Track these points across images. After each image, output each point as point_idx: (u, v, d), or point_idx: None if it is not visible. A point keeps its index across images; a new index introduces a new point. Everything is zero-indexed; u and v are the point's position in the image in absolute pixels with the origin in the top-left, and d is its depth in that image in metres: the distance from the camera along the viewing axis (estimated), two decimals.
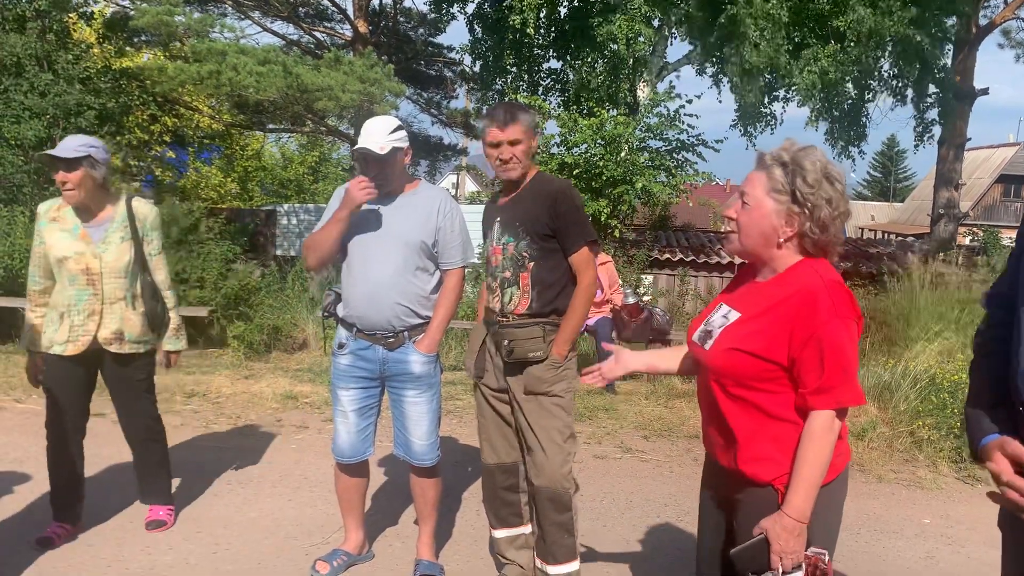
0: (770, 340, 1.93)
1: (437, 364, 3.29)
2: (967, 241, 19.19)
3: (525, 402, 3.00)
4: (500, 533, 3.26)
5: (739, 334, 1.99)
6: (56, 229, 3.43)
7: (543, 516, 3.02)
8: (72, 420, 3.57)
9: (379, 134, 3.08)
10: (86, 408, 3.63)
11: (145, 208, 3.61)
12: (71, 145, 3.36)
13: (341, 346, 3.28)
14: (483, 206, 3.41)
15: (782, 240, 1.98)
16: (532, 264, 2.97)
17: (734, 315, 2.05)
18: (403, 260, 3.14)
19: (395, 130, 3.13)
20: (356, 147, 3.12)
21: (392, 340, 3.19)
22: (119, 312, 3.49)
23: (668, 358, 2.43)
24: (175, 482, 4.32)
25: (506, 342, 2.98)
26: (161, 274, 3.65)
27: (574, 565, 3.05)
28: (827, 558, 1.92)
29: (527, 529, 3.24)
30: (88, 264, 3.41)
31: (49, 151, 3.39)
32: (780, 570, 1.94)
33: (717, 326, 2.07)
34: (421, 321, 3.21)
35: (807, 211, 1.94)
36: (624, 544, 3.89)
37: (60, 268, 3.42)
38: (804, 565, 1.92)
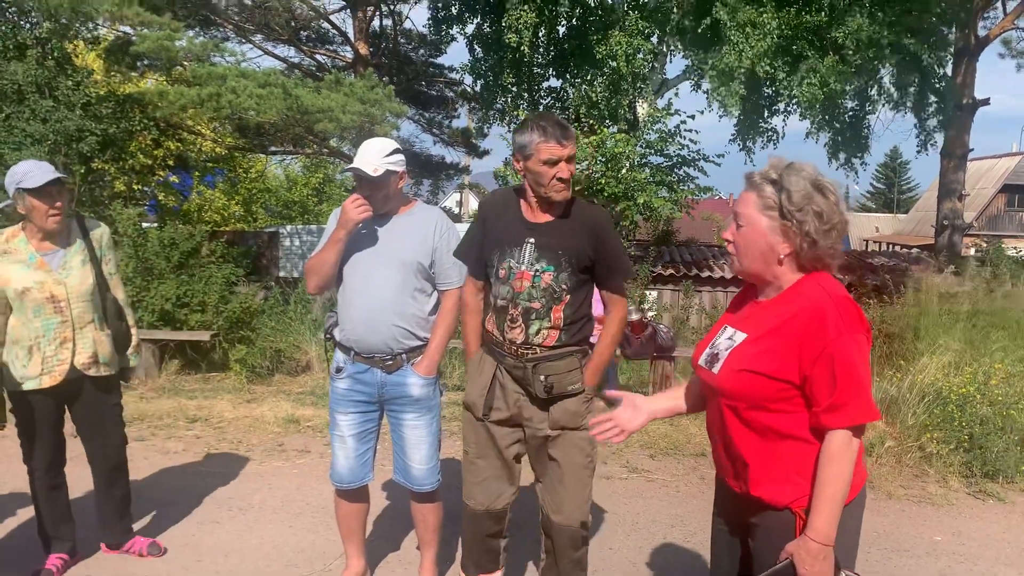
0: (780, 359, 1.90)
1: (437, 386, 3.25)
2: (971, 252, 19.12)
3: (553, 437, 2.83)
4: None
5: (748, 354, 1.96)
6: (9, 261, 3.30)
7: (560, 554, 2.88)
8: (54, 454, 3.50)
9: (374, 155, 3.06)
10: (62, 439, 3.55)
11: (98, 229, 3.56)
12: (48, 168, 3.27)
13: (339, 370, 3.24)
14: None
15: (781, 256, 1.96)
16: (568, 298, 2.77)
17: (740, 336, 2.02)
18: (400, 281, 3.10)
19: (391, 153, 3.10)
20: (349, 167, 3.10)
21: (390, 363, 3.15)
22: (90, 335, 3.42)
23: (691, 395, 2.34)
24: (177, 509, 4.29)
25: (543, 377, 2.75)
26: (120, 293, 3.61)
27: None
28: None
29: (500, 573, 3.10)
30: (52, 291, 3.32)
31: (53, 177, 3.24)
32: None
33: (724, 348, 2.04)
34: (419, 343, 3.17)
35: (797, 224, 1.92)
36: (631, 568, 3.83)
37: (22, 300, 3.28)
38: None
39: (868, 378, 1.89)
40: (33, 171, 3.24)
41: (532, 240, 2.78)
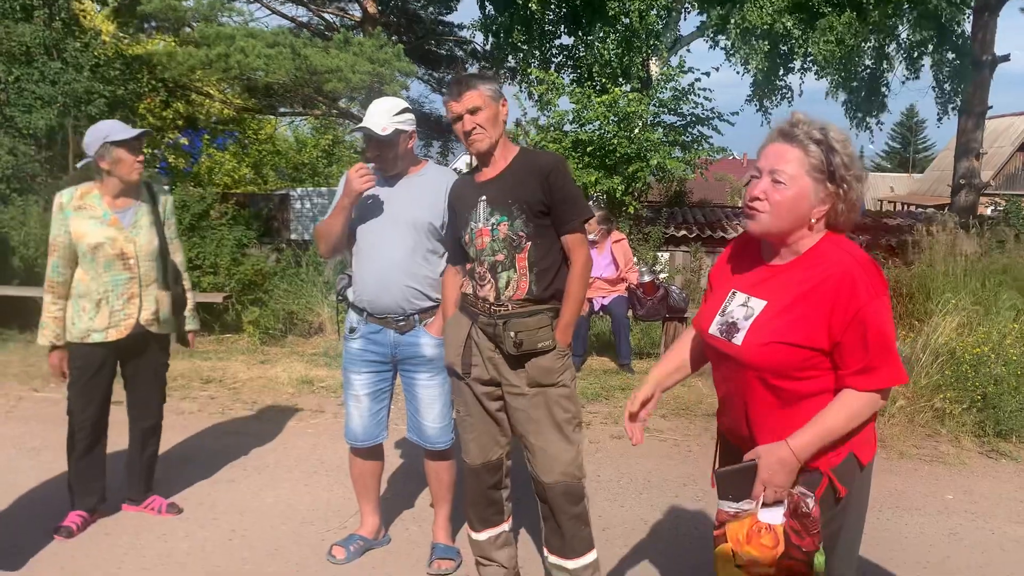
0: (811, 328, 1.84)
1: None
2: (988, 211, 18.91)
3: (531, 396, 2.82)
4: (483, 535, 3.09)
5: (777, 325, 1.88)
6: (84, 217, 3.43)
7: (559, 511, 2.87)
8: (101, 409, 3.60)
9: (383, 115, 3.04)
10: (110, 396, 3.65)
11: (163, 195, 3.73)
12: (128, 126, 3.46)
13: (352, 330, 3.25)
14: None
15: (814, 221, 1.90)
16: (529, 244, 2.77)
17: (757, 303, 1.94)
18: (412, 243, 3.10)
19: (401, 112, 3.08)
20: (358, 126, 3.07)
21: (403, 323, 3.16)
22: (154, 293, 3.58)
23: (675, 363, 2.30)
24: (192, 468, 4.34)
25: (513, 333, 2.75)
26: (179, 256, 3.80)
27: (593, 555, 2.97)
28: (812, 502, 1.85)
29: (507, 526, 3.13)
30: (123, 248, 3.46)
31: (140, 132, 3.45)
32: (760, 501, 1.88)
33: (742, 317, 1.95)
34: (432, 304, 3.17)
35: (844, 190, 1.86)
36: (642, 525, 3.86)
37: (94, 255, 3.42)
38: (787, 502, 1.86)
39: (895, 341, 1.86)
40: (117, 127, 3.45)
41: (484, 198, 2.83)
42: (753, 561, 1.88)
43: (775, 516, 1.87)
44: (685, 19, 15.38)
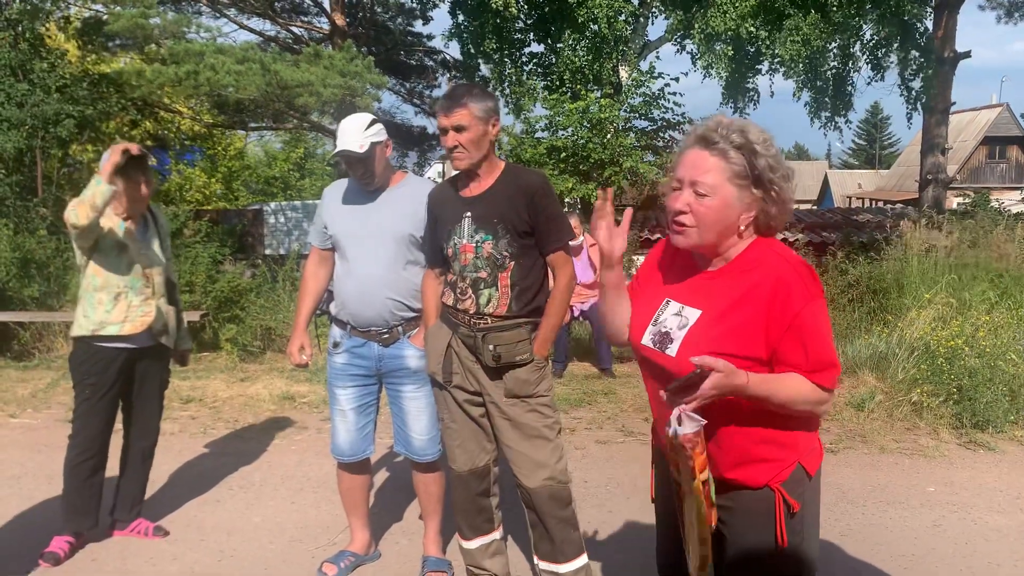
0: (748, 337, 1.79)
1: None
2: (955, 205, 19.22)
3: (509, 406, 2.86)
4: (474, 543, 3.11)
5: (712, 335, 1.81)
6: (109, 216, 3.40)
7: (547, 516, 2.90)
8: (108, 424, 3.56)
9: (356, 133, 3.04)
10: (116, 410, 3.61)
11: (162, 217, 3.78)
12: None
13: (336, 345, 3.26)
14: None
15: (743, 228, 1.84)
16: (513, 264, 2.81)
17: (691, 312, 1.87)
18: (393, 255, 3.11)
19: (370, 125, 3.08)
20: (336, 151, 3.08)
21: (387, 336, 3.16)
22: (164, 306, 3.61)
23: (619, 298, 2.07)
24: (177, 490, 4.30)
25: (492, 347, 2.80)
26: (174, 277, 3.82)
27: (583, 559, 3.00)
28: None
29: (499, 534, 3.15)
30: (138, 259, 3.50)
31: (137, 150, 3.33)
32: (680, 416, 1.72)
33: (676, 327, 1.87)
34: (415, 315, 3.17)
35: (775, 192, 1.82)
36: (632, 529, 3.88)
37: (119, 253, 3.44)
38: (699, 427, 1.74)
39: (832, 342, 1.83)
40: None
41: (469, 214, 2.86)
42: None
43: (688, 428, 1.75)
44: (653, 24, 15.51)
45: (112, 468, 3.72)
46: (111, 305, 3.45)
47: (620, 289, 2.07)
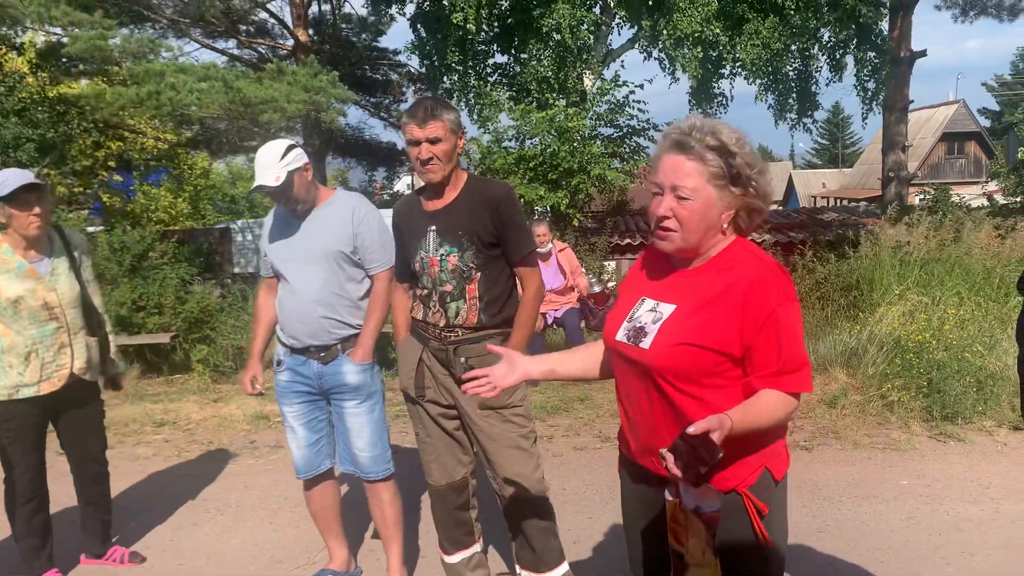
0: (722, 331, 1.79)
1: (374, 372, 3.24)
2: (917, 200, 19.55)
3: (483, 418, 2.86)
4: (455, 557, 3.10)
5: (686, 327, 1.82)
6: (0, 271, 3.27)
7: (527, 526, 2.91)
8: (39, 466, 3.44)
9: (271, 166, 3.01)
10: (44, 452, 3.49)
11: (75, 236, 3.59)
12: (24, 175, 3.24)
13: (279, 363, 3.27)
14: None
15: (725, 226, 1.87)
16: (479, 275, 2.80)
17: (666, 307, 1.89)
18: (327, 273, 3.11)
19: (286, 153, 3.05)
20: (254, 187, 3.08)
21: (324, 355, 3.16)
22: (83, 340, 3.45)
23: (577, 360, 2.21)
24: (153, 515, 4.24)
25: (463, 359, 2.79)
26: (98, 299, 3.62)
27: (564, 566, 3.00)
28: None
29: (479, 547, 3.15)
30: (45, 298, 3.31)
31: (24, 183, 3.19)
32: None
33: (650, 321, 1.89)
34: (354, 331, 3.17)
35: (753, 188, 1.84)
36: (612, 534, 3.89)
37: (16, 309, 3.26)
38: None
39: (804, 347, 1.83)
40: (9, 179, 3.21)
41: (433, 228, 2.84)
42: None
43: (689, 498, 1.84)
44: (620, 33, 15.67)
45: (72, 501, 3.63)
46: (23, 367, 3.28)
47: (556, 369, 2.20)
